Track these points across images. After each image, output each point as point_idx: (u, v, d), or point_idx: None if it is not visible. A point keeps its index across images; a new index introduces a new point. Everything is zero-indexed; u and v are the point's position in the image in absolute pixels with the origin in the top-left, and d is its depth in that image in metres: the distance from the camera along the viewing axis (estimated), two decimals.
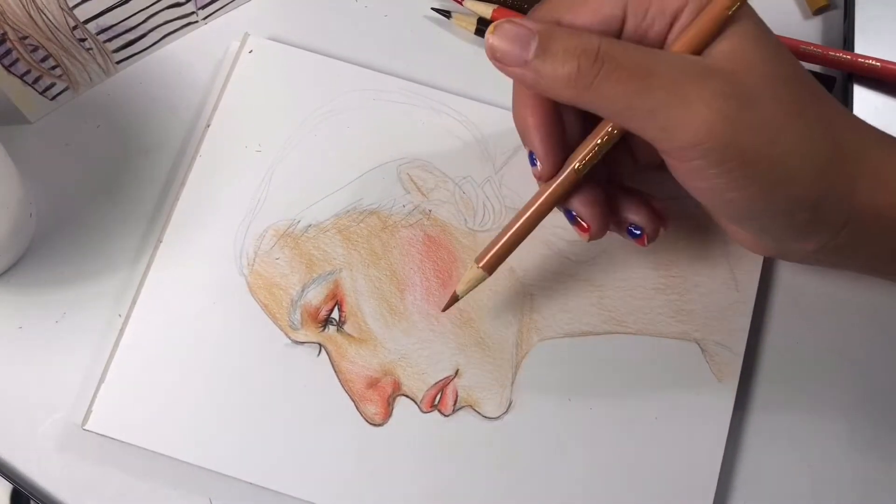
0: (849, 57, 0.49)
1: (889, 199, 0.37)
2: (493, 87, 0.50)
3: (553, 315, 0.46)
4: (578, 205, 0.41)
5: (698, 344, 0.46)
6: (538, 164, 0.41)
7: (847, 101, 0.49)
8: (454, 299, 0.44)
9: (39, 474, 0.45)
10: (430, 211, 0.48)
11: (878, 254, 0.40)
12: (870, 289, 0.48)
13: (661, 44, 0.37)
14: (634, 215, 0.43)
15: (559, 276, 0.47)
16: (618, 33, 0.37)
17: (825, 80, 0.51)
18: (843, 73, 0.51)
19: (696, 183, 0.37)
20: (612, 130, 0.39)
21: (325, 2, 0.53)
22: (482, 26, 0.51)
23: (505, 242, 0.42)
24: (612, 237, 0.44)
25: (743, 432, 0.46)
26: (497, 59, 0.36)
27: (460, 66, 0.51)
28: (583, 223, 0.41)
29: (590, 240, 0.42)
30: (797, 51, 0.49)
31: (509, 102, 0.49)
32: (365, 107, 0.49)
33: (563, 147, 0.40)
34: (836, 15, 0.53)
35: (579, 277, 0.47)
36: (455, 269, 0.47)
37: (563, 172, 0.40)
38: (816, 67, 0.51)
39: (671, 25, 0.37)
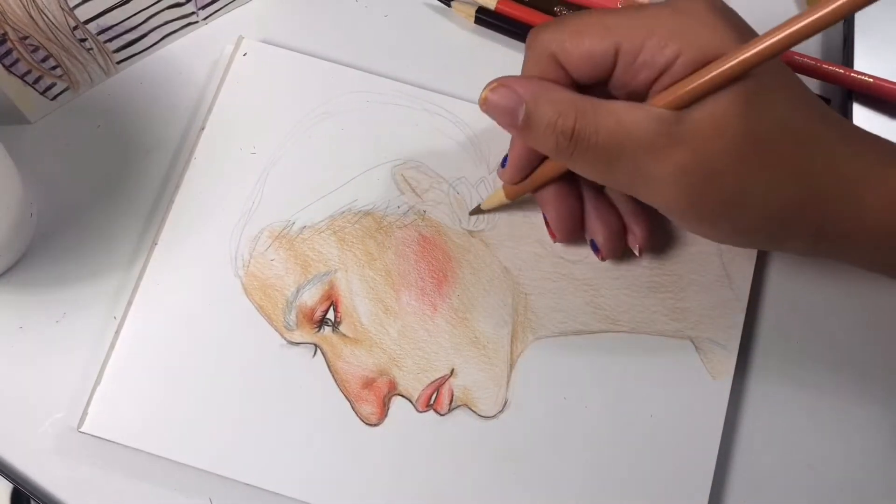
0: (842, 71, 0.49)
1: (856, 224, 0.39)
2: None
3: (547, 314, 0.47)
4: (551, 209, 0.45)
5: (692, 342, 0.46)
6: (505, 166, 0.44)
7: (846, 116, 0.49)
8: (478, 210, 0.48)
9: (39, 474, 0.45)
10: (424, 212, 0.48)
11: (862, 263, 0.42)
12: (863, 285, 0.48)
13: (646, 89, 0.38)
14: (596, 230, 0.45)
15: (553, 275, 0.47)
16: (608, 71, 0.39)
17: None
18: (840, 89, 0.50)
19: (669, 218, 0.41)
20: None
21: (326, 1, 0.53)
22: (481, 15, 0.51)
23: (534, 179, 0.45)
24: None
25: (737, 429, 0.46)
26: (490, 115, 0.40)
27: (459, 66, 0.51)
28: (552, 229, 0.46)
29: (556, 241, 0.47)
30: (791, 62, 0.49)
31: None
32: (359, 109, 0.49)
33: (532, 167, 0.44)
34: None
35: (573, 276, 0.47)
36: (450, 269, 0.47)
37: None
38: (813, 83, 0.51)
39: (659, 75, 0.37)
